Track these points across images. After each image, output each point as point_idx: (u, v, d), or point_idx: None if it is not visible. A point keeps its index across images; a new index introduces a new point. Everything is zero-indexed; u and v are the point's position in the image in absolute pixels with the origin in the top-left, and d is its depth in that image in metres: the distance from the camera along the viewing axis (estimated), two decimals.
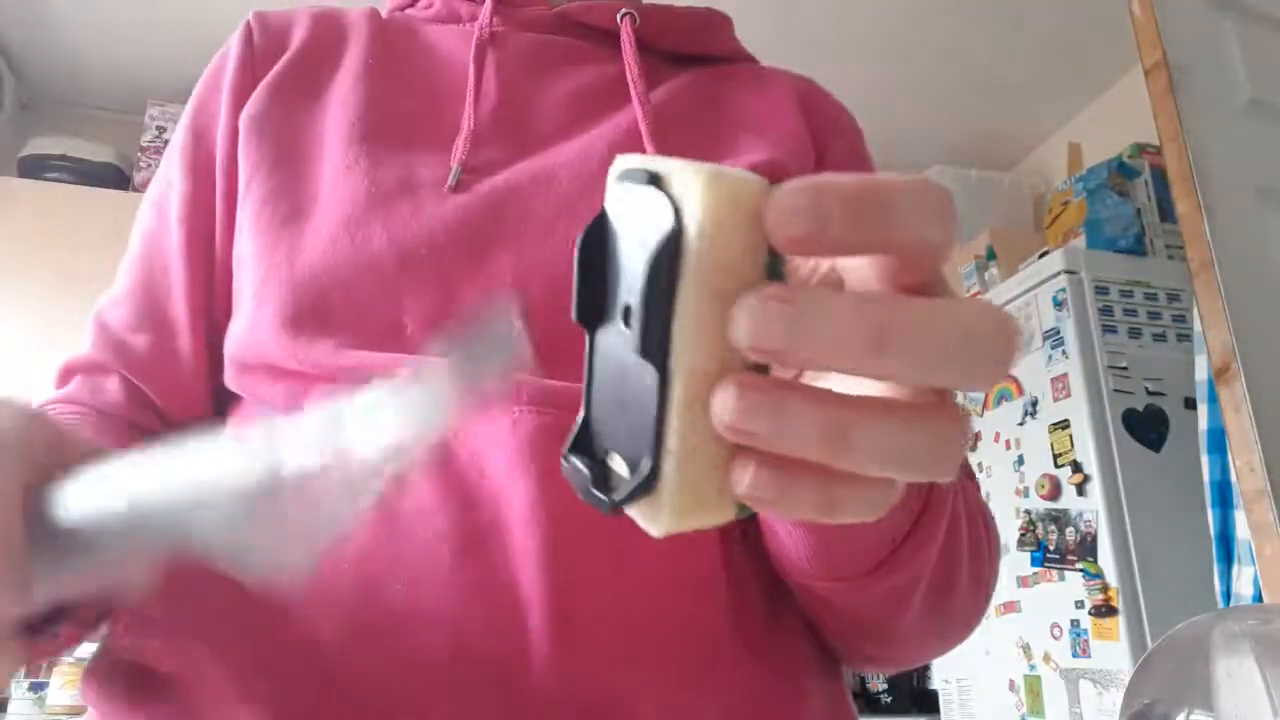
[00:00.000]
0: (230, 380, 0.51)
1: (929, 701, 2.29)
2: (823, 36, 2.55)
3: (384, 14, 0.63)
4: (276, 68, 0.57)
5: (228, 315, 0.53)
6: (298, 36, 0.59)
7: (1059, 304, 1.97)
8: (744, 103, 0.60)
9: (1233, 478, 1.47)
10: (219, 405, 0.54)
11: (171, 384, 0.54)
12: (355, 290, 0.47)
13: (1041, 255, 2.13)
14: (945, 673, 2.18)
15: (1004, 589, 1.98)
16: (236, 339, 0.50)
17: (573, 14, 0.59)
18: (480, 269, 0.48)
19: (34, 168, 2.51)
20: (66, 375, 0.55)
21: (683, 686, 0.41)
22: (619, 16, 0.59)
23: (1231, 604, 1.53)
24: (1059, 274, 1.98)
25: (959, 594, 0.45)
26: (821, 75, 0.67)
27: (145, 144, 2.58)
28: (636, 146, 0.54)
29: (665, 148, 0.53)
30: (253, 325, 0.48)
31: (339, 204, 0.49)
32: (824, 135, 0.60)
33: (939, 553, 0.41)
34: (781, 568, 0.44)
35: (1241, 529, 1.52)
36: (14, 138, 2.59)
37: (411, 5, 0.65)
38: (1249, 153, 1.56)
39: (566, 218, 0.50)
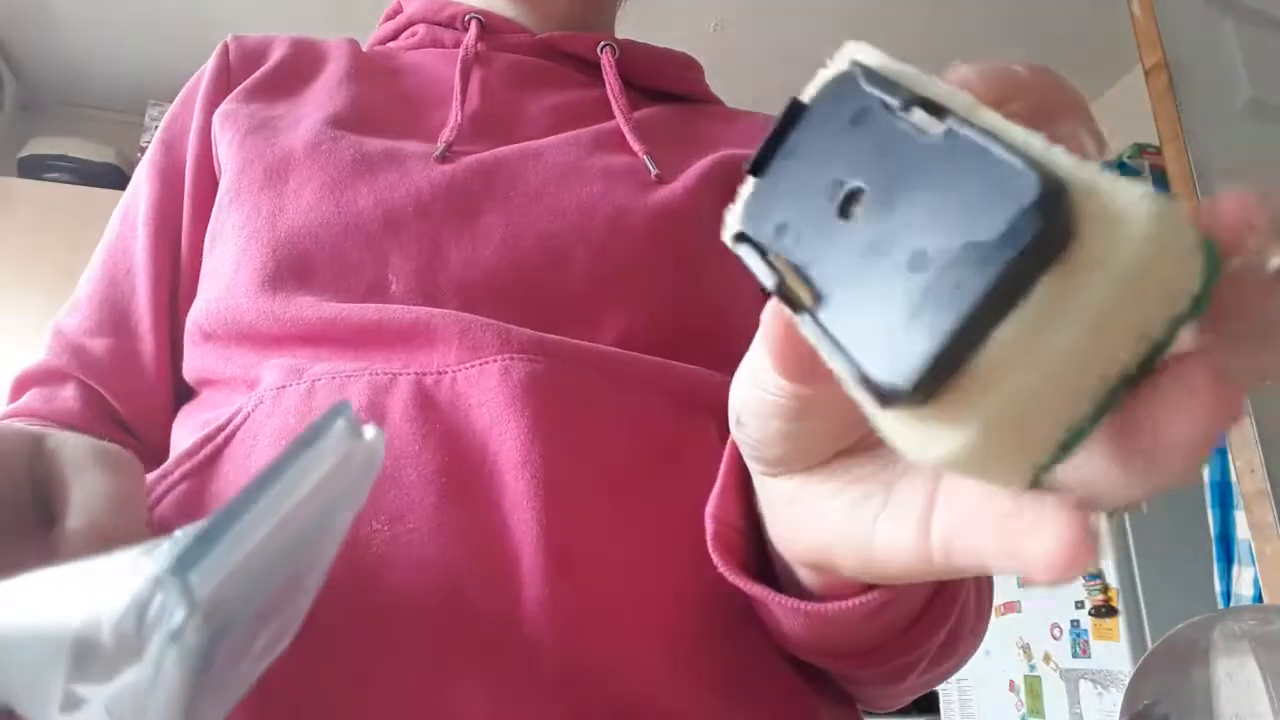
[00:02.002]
0: (188, 356, 0.49)
1: (929, 702, 2.29)
2: (821, 39, 2.55)
3: (364, 48, 0.64)
4: (253, 77, 0.57)
5: None
6: (276, 55, 0.59)
7: None
8: (721, 128, 0.62)
9: (1233, 478, 1.47)
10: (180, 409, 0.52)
11: (133, 388, 0.52)
12: (339, 249, 0.46)
13: None
14: None
15: (1004, 589, 1.98)
16: (205, 308, 0.48)
17: (555, 42, 0.61)
18: (469, 227, 0.47)
19: (34, 168, 2.51)
20: (21, 387, 0.53)
21: (686, 641, 0.38)
22: (599, 48, 0.61)
23: (1231, 604, 1.53)
24: None
25: (959, 654, 0.44)
26: None
27: (145, 144, 2.58)
28: (620, 145, 0.54)
29: (648, 148, 0.54)
30: (228, 289, 0.47)
31: (321, 169, 0.49)
32: None
33: (949, 625, 0.39)
34: (774, 637, 0.41)
35: (1241, 529, 1.52)
36: (14, 138, 2.60)
37: (393, 38, 0.66)
38: (1249, 153, 1.56)
39: (555, 184, 0.50)
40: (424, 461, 0.39)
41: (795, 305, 0.19)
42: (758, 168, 0.21)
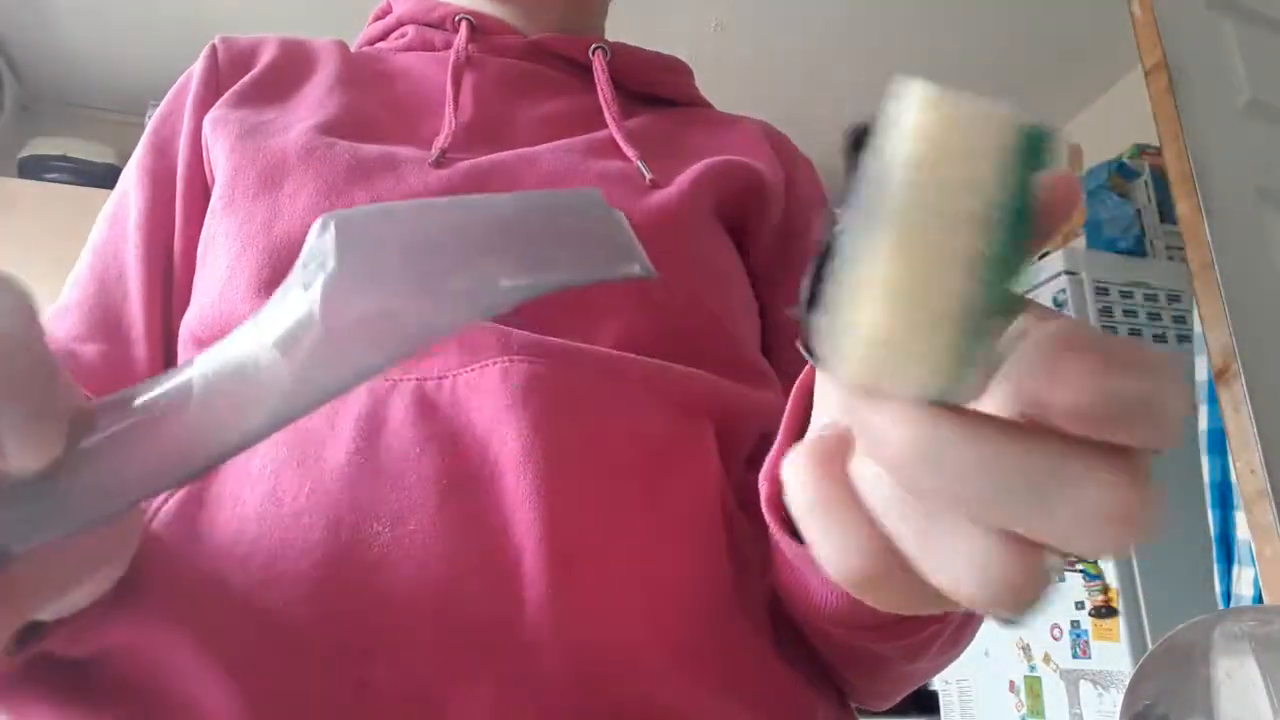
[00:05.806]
0: (181, 362, 0.49)
1: (929, 703, 2.28)
2: (821, 40, 2.55)
3: (352, 49, 0.63)
4: (242, 81, 0.57)
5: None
6: (265, 57, 0.59)
7: (1059, 305, 1.97)
8: (713, 133, 0.63)
9: (1233, 479, 1.47)
10: None
11: None
12: None
13: (1042, 256, 2.13)
14: (945, 674, 2.18)
15: None
16: (199, 313, 0.47)
17: (547, 44, 0.61)
18: None
19: (34, 168, 2.51)
20: None
21: (686, 641, 0.39)
22: (591, 50, 0.61)
23: (1231, 605, 1.53)
24: (1059, 275, 1.98)
25: (970, 632, 0.43)
26: (820, 80, 0.69)
27: None
28: (614, 151, 0.54)
29: (641, 154, 0.54)
30: (222, 295, 0.46)
31: (316, 174, 0.49)
32: (790, 165, 0.62)
33: None
34: (797, 609, 0.41)
35: (1242, 530, 1.52)
36: (14, 138, 2.59)
37: (382, 38, 0.65)
38: (1249, 153, 1.56)
39: (552, 189, 0.50)
40: (425, 464, 0.39)
41: (823, 250, 0.21)
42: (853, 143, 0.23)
